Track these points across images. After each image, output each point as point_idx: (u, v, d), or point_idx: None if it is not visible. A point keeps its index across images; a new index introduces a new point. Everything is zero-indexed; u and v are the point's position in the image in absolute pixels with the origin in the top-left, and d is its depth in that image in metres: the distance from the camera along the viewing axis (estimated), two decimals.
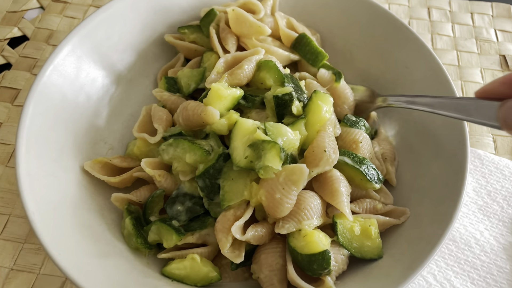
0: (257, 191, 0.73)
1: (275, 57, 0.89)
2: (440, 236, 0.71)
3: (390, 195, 0.85)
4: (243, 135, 0.74)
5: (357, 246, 0.76)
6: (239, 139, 0.74)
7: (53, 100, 0.83)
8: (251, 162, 0.72)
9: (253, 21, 0.90)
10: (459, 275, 0.85)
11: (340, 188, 0.76)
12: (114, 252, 0.75)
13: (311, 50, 0.94)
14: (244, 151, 0.72)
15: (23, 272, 0.83)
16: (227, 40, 0.91)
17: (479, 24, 1.25)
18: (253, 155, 0.72)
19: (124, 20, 0.94)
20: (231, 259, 0.72)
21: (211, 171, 0.75)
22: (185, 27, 0.98)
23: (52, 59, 0.84)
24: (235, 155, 0.73)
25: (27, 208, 0.70)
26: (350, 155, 0.80)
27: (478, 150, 1.00)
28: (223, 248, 0.71)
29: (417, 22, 1.24)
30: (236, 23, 0.91)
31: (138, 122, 0.87)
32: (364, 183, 0.81)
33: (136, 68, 0.98)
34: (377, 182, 0.81)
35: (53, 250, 0.67)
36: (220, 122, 0.77)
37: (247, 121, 0.75)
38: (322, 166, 0.74)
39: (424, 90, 0.91)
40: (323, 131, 0.78)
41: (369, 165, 0.81)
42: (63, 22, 1.18)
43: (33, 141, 0.78)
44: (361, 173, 0.79)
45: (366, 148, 0.85)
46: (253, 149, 0.72)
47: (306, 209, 0.73)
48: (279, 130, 0.73)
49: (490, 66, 1.17)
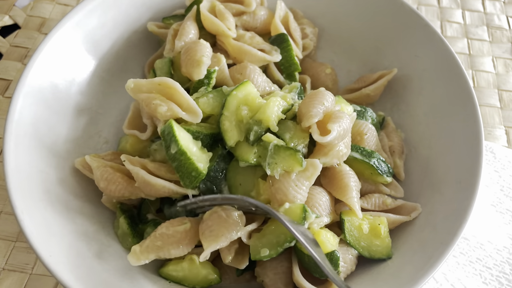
0: (265, 188, 0.69)
1: (248, 57, 0.84)
2: (454, 236, 0.67)
3: (400, 188, 0.82)
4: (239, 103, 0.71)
5: (365, 245, 0.73)
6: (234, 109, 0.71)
7: (44, 92, 0.79)
8: (260, 157, 0.69)
9: (219, 24, 0.85)
10: (471, 274, 0.81)
11: (350, 183, 0.72)
12: (108, 253, 0.71)
13: (287, 58, 0.88)
14: (252, 149, 0.69)
15: (15, 272, 0.80)
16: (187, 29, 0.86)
17: (490, 11, 1.20)
18: (262, 151, 0.69)
19: (118, 7, 0.90)
20: (236, 266, 0.69)
21: (211, 174, 0.72)
22: (170, 17, 0.94)
23: (42, 48, 0.80)
24: (229, 136, 0.70)
25: (15, 207, 0.66)
26: (358, 149, 0.77)
27: (490, 143, 0.96)
28: (225, 260, 0.68)
29: (426, 9, 1.19)
30: (205, 22, 0.87)
31: (128, 118, 0.83)
32: (375, 177, 0.77)
33: (130, 58, 0.93)
34: (388, 175, 0.78)
35: (43, 251, 0.64)
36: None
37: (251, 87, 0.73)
38: (330, 157, 0.70)
39: (435, 79, 0.86)
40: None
41: (378, 158, 0.77)
42: (55, 9, 1.14)
43: (22, 135, 0.74)
44: (371, 166, 0.76)
45: (372, 140, 0.81)
46: (261, 147, 0.69)
47: (315, 207, 0.70)
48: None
49: (502, 55, 1.12)
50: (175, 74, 0.84)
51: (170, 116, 0.71)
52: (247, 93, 0.72)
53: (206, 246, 0.66)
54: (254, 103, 0.72)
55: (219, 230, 0.66)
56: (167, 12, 0.96)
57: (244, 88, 0.73)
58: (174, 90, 0.72)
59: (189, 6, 0.92)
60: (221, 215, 0.68)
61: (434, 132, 0.84)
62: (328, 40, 1.01)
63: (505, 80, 1.08)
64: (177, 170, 0.69)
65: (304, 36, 0.97)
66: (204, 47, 0.80)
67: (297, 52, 0.91)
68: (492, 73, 1.09)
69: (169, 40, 0.87)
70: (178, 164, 0.69)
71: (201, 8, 0.86)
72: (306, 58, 0.98)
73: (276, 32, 0.91)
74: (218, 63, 0.82)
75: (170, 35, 0.88)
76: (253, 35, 0.90)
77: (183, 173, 0.69)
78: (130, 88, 0.73)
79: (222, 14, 0.87)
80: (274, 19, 0.91)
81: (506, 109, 1.03)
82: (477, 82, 1.07)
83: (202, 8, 0.86)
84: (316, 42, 0.99)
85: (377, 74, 0.92)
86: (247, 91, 0.73)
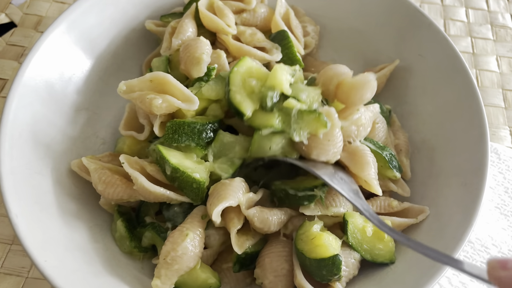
0: (292, 148, 0.71)
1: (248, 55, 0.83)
2: (459, 240, 0.65)
3: (407, 187, 0.80)
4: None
5: (368, 248, 0.71)
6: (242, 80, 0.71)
7: (39, 92, 0.77)
8: (284, 123, 0.69)
9: (218, 21, 0.84)
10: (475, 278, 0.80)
11: (370, 161, 0.72)
12: (105, 257, 0.70)
13: (289, 54, 0.86)
14: (273, 114, 0.69)
15: (11, 275, 0.78)
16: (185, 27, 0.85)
17: (494, 9, 1.18)
18: (285, 118, 0.69)
19: (116, 5, 0.88)
20: (235, 246, 0.67)
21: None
22: (168, 15, 0.92)
23: (38, 47, 0.78)
24: (244, 106, 0.69)
25: (9, 211, 0.65)
26: (371, 141, 0.77)
27: (494, 144, 0.94)
28: (233, 228, 0.67)
29: (429, 7, 1.17)
30: (204, 20, 0.86)
31: (124, 120, 0.81)
32: (385, 170, 0.77)
33: (128, 56, 0.91)
34: (397, 170, 0.77)
35: (38, 256, 0.62)
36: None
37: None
38: (349, 121, 0.71)
39: (439, 79, 0.85)
40: None
41: (390, 153, 0.77)
42: (52, 7, 1.12)
43: (18, 137, 0.72)
44: (383, 158, 0.75)
45: (382, 131, 0.81)
46: (283, 113, 0.69)
47: (337, 195, 0.71)
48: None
49: (507, 54, 1.10)
50: (172, 72, 0.82)
51: (166, 108, 0.69)
52: (249, 67, 0.72)
53: (215, 206, 0.65)
54: (260, 72, 0.72)
55: (226, 192, 0.67)
56: (166, 10, 0.94)
57: (243, 64, 0.72)
58: (167, 84, 0.71)
59: (187, 3, 0.90)
60: (224, 182, 0.69)
61: (438, 133, 0.82)
62: (330, 39, 0.99)
63: (510, 80, 1.06)
64: (180, 188, 0.70)
65: (305, 34, 0.95)
66: (204, 44, 0.78)
67: (299, 48, 0.89)
68: (496, 73, 1.07)
69: (166, 38, 0.86)
70: (179, 182, 0.69)
71: (199, 6, 0.84)
72: (307, 56, 0.96)
73: (276, 29, 0.89)
74: (218, 59, 0.80)
75: (168, 33, 0.86)
76: (254, 32, 0.88)
77: (186, 189, 0.69)
78: (123, 90, 0.72)
79: (221, 10, 0.85)
80: (275, 16, 0.89)
81: (511, 109, 1.02)
82: (481, 81, 1.06)
83: (200, 5, 0.84)
84: (318, 40, 0.97)
85: (379, 67, 0.91)
86: (247, 65, 0.72)
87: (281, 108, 0.69)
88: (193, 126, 0.70)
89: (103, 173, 0.72)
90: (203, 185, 0.68)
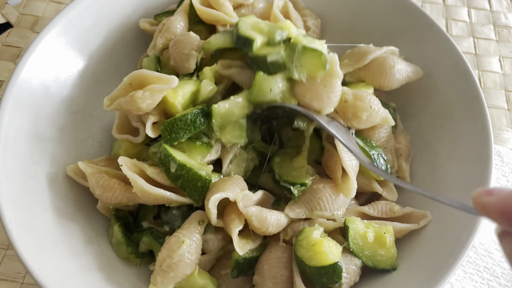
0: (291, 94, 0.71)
1: None
2: (463, 247, 0.64)
3: (395, 192, 0.78)
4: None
5: (369, 254, 0.69)
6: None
7: (35, 94, 0.76)
8: (288, 57, 0.69)
9: (216, 13, 0.83)
10: (478, 283, 0.79)
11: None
12: (101, 263, 0.68)
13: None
14: (278, 45, 0.70)
15: (6, 281, 0.77)
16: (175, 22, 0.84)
17: (496, 9, 1.16)
18: (289, 53, 0.69)
19: (113, 4, 0.86)
20: (236, 246, 0.66)
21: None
22: (162, 13, 0.90)
23: (33, 48, 0.77)
24: (254, 36, 0.71)
25: (3, 216, 0.63)
26: (363, 139, 0.77)
27: (497, 147, 0.93)
28: (235, 227, 0.66)
29: (431, 7, 1.16)
30: (202, 15, 0.84)
31: (115, 124, 0.78)
32: (369, 170, 0.75)
33: (125, 57, 0.90)
34: (384, 172, 0.75)
35: (32, 264, 0.61)
36: None
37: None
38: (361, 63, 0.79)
39: (442, 81, 0.83)
40: None
41: (379, 154, 0.76)
42: (49, 7, 1.10)
43: (12, 140, 0.71)
44: (369, 156, 0.74)
45: (384, 135, 0.80)
46: (288, 49, 0.69)
47: (322, 200, 0.70)
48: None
49: (509, 55, 1.09)
50: (162, 71, 0.81)
51: (150, 96, 0.68)
52: (255, 21, 0.73)
53: (213, 195, 0.65)
54: (267, 22, 0.74)
55: (224, 186, 0.67)
56: (163, 9, 0.93)
57: (248, 19, 0.74)
58: (145, 78, 0.70)
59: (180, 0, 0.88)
60: (223, 178, 0.70)
61: (441, 135, 0.81)
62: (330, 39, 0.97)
63: None
64: (183, 188, 0.68)
65: (306, 29, 0.93)
66: (193, 39, 0.77)
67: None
68: (499, 74, 1.06)
69: (155, 37, 0.84)
70: (183, 181, 0.67)
71: (194, 3, 0.82)
72: None
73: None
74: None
75: (158, 31, 0.84)
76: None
77: (190, 188, 0.68)
78: (109, 105, 0.71)
79: (217, 1, 0.84)
80: (273, 9, 0.87)
81: None
82: (484, 82, 1.04)
83: (195, 2, 0.82)
84: (319, 34, 0.95)
85: None
86: (253, 20, 0.74)
87: (287, 44, 0.70)
88: (185, 118, 0.69)
89: (100, 177, 0.71)
90: (208, 183, 0.68)
